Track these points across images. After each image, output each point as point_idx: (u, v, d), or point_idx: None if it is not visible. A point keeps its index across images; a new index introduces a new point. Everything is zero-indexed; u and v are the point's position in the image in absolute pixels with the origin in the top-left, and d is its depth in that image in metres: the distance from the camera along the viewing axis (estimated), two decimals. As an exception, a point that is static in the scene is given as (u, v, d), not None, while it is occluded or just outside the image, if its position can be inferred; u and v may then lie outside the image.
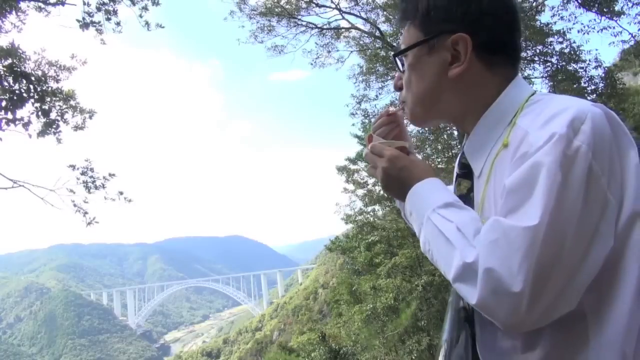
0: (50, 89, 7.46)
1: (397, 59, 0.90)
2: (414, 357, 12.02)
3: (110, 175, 8.63)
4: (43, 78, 7.35)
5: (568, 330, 0.67)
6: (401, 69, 0.90)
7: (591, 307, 0.66)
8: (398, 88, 0.93)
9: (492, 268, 0.63)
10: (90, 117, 8.41)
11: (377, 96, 11.64)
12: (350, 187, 13.79)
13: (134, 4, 7.80)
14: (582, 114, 0.66)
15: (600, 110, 0.67)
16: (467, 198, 0.86)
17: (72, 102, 7.95)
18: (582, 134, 0.64)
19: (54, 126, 7.74)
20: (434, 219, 0.75)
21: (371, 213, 13.96)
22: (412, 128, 11.81)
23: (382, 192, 13.01)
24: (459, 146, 10.48)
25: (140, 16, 7.88)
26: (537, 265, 0.61)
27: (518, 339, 0.72)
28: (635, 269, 0.66)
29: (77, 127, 8.28)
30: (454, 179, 0.94)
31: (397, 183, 0.86)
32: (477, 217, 0.75)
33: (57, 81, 7.67)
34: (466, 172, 0.88)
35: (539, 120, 0.70)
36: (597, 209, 0.63)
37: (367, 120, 12.35)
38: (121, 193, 8.65)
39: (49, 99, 7.47)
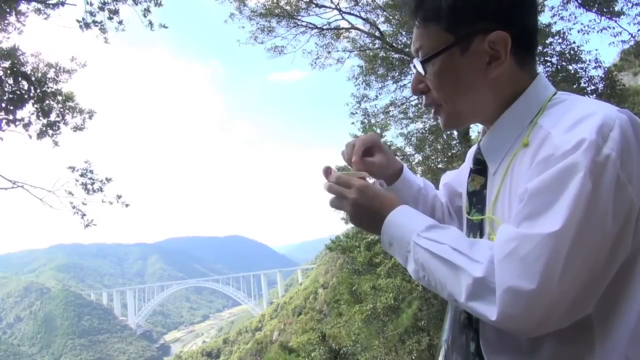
0: (49, 90, 7.46)
1: (419, 64, 0.83)
2: (414, 357, 12.03)
3: (107, 179, 8.60)
4: (43, 80, 7.35)
5: (573, 334, 0.67)
6: (422, 72, 0.83)
7: (598, 313, 0.66)
8: (420, 92, 0.87)
9: (512, 285, 0.61)
10: (90, 118, 8.40)
11: (377, 96, 11.66)
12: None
13: (136, 4, 7.80)
14: (610, 120, 0.64)
15: (626, 116, 0.66)
16: (480, 195, 0.85)
17: (72, 104, 7.95)
18: (611, 141, 0.62)
19: (54, 128, 7.74)
20: (422, 244, 0.73)
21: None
22: (411, 127, 11.84)
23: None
24: (459, 146, 10.48)
25: (145, 16, 7.88)
26: (558, 271, 0.60)
27: (523, 340, 0.71)
28: None
29: (76, 128, 8.27)
30: (468, 174, 0.91)
31: (368, 214, 0.83)
32: (462, 232, 0.75)
33: (57, 83, 7.67)
34: (481, 169, 0.86)
35: (564, 123, 0.67)
36: (622, 218, 0.62)
37: (366, 120, 12.36)
38: (119, 197, 8.62)
39: (48, 101, 7.47)
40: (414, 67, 0.86)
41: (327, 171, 0.92)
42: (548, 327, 0.64)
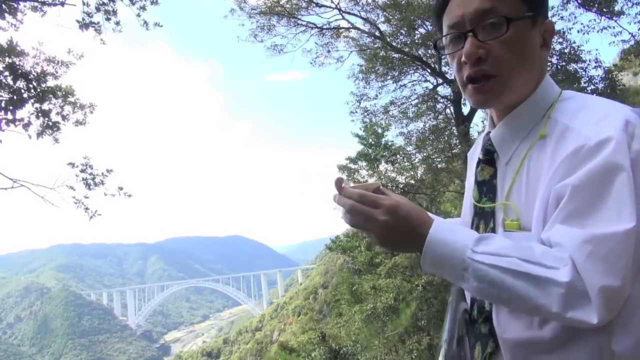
0: (49, 87, 7.43)
1: (493, 23, 0.78)
2: (414, 357, 12.03)
3: (108, 171, 8.62)
4: (42, 75, 7.32)
5: None
6: (493, 37, 0.78)
7: None
8: (477, 58, 0.80)
9: (605, 285, 0.63)
10: (91, 112, 8.38)
11: (376, 95, 11.65)
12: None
13: (132, 3, 7.80)
14: (632, 119, 0.69)
15: (637, 115, 0.71)
16: (490, 184, 0.86)
17: (72, 99, 7.92)
18: (638, 137, 0.68)
19: (54, 128, 7.72)
20: (483, 259, 0.70)
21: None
22: (412, 127, 11.84)
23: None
24: (459, 146, 10.47)
25: (139, 15, 7.89)
26: (631, 265, 0.64)
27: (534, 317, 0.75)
28: None
29: (78, 123, 8.25)
30: (476, 165, 0.93)
31: (402, 235, 0.76)
32: (510, 242, 0.73)
33: (56, 77, 7.65)
34: (489, 159, 0.88)
35: (587, 118, 0.71)
36: None
37: (367, 120, 12.37)
38: (121, 188, 8.64)
39: (48, 99, 7.45)
40: (473, 33, 0.80)
41: (340, 184, 0.81)
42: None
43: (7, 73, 6.84)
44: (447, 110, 11.31)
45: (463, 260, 0.71)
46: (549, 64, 9.55)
